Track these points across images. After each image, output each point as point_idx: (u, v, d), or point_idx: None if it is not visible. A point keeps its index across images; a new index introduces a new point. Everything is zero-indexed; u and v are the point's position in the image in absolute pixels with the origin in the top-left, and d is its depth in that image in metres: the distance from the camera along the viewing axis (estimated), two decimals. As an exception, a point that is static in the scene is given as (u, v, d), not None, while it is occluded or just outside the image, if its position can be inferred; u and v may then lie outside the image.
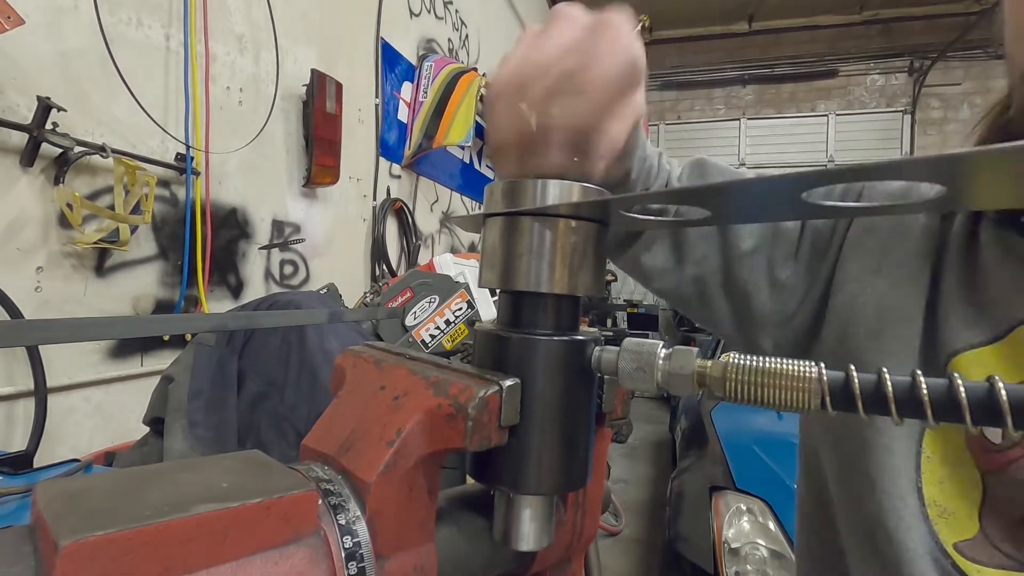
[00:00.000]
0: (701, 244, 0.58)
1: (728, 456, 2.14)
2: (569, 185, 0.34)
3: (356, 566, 0.26)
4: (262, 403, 1.42)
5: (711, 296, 0.59)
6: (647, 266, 0.59)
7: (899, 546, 0.45)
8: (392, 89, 3.38)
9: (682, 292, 0.60)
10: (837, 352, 0.53)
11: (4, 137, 1.43)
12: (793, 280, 0.57)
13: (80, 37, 1.59)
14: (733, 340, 0.62)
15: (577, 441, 0.33)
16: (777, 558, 1.65)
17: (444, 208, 4.26)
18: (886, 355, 0.49)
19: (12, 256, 1.47)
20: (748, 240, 0.56)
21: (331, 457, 0.30)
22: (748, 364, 0.27)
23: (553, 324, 0.34)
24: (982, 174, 0.23)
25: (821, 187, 0.26)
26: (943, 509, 0.45)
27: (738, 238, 0.57)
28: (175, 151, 1.90)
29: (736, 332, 0.61)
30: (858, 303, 0.51)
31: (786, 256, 0.57)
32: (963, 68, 7.09)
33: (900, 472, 0.46)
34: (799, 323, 0.57)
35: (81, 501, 0.22)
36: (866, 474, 0.48)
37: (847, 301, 0.52)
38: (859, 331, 0.51)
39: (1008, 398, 0.22)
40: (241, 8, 2.19)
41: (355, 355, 0.37)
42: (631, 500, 3.80)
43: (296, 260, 2.61)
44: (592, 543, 0.45)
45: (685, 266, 0.58)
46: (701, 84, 8.08)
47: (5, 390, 1.47)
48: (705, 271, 0.58)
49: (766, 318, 0.58)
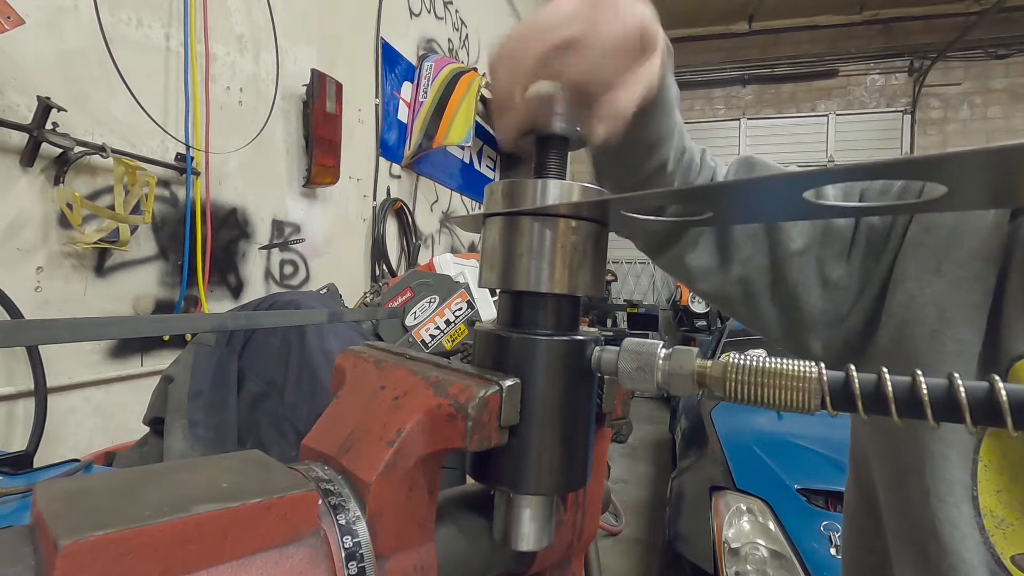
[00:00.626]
0: (747, 243, 0.56)
1: (728, 456, 2.14)
2: (569, 185, 0.34)
3: (356, 566, 0.26)
4: (262, 403, 1.42)
5: (758, 297, 0.57)
6: (692, 266, 0.57)
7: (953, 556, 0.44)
8: (392, 89, 3.38)
9: (727, 293, 0.58)
10: (893, 354, 0.50)
11: (4, 137, 1.43)
12: (846, 280, 0.55)
13: (80, 37, 1.59)
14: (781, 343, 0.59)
15: (577, 441, 0.33)
16: (777, 558, 1.65)
17: (444, 208, 4.26)
18: (945, 357, 0.47)
19: (12, 256, 1.47)
20: (798, 239, 0.54)
21: (331, 457, 0.30)
22: (748, 364, 0.27)
23: (553, 324, 0.34)
24: (981, 173, 0.23)
25: (821, 186, 0.26)
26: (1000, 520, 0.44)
27: (787, 237, 0.55)
28: (175, 151, 1.90)
29: (784, 335, 0.59)
30: (917, 303, 0.49)
31: (838, 255, 0.55)
32: (963, 68, 7.08)
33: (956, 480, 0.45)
34: (852, 324, 0.55)
35: (81, 501, 0.22)
36: (920, 482, 0.46)
37: (905, 301, 0.50)
38: (917, 332, 0.49)
39: (1008, 398, 0.22)
40: (241, 8, 2.19)
41: (355, 355, 0.37)
42: (631, 500, 3.80)
43: (296, 260, 2.61)
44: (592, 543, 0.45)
45: (731, 266, 0.57)
46: (701, 84, 8.08)
47: (5, 390, 1.47)
48: (752, 271, 0.56)
49: (816, 319, 0.56)
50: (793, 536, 1.66)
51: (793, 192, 0.27)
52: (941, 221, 0.51)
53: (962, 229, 0.50)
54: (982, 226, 0.49)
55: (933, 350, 0.48)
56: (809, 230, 0.55)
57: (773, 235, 0.55)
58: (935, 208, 0.26)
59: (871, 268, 0.54)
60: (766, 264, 0.56)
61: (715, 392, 0.28)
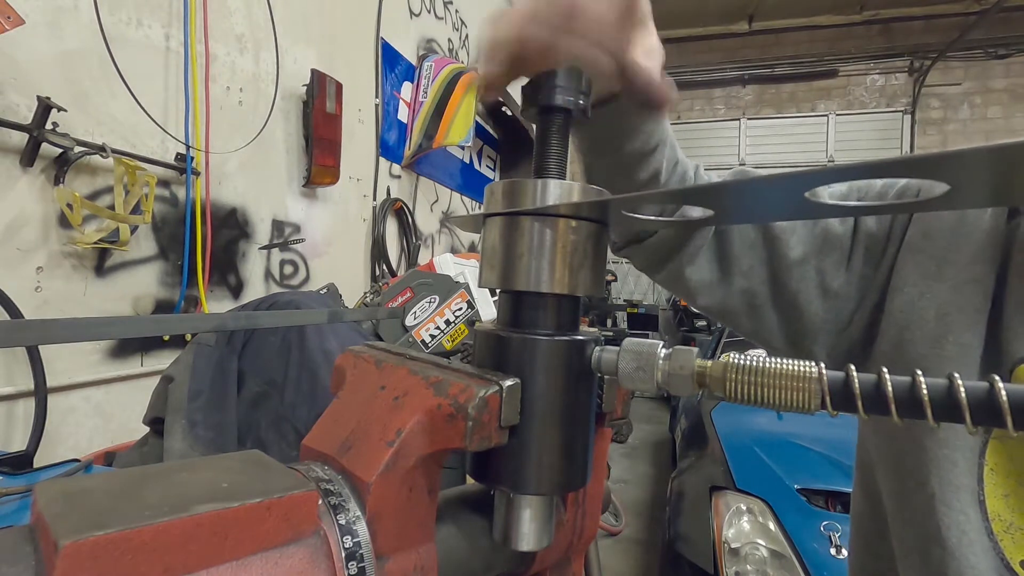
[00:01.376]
0: (747, 255, 0.56)
1: (728, 456, 2.14)
2: (569, 185, 0.34)
3: (356, 566, 0.26)
4: (262, 403, 1.42)
5: (760, 308, 0.57)
6: (692, 280, 0.57)
7: (960, 561, 0.43)
8: (392, 89, 3.38)
9: (729, 306, 0.58)
10: (894, 359, 0.51)
11: (4, 137, 1.43)
12: (846, 288, 0.55)
13: (80, 37, 1.59)
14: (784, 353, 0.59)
15: (577, 441, 0.33)
16: (777, 558, 1.65)
17: (444, 208, 4.26)
18: (946, 361, 0.47)
19: (12, 256, 1.47)
20: (796, 249, 0.55)
21: (331, 457, 0.30)
22: (748, 364, 0.27)
23: (553, 324, 0.34)
24: (982, 172, 0.23)
25: (822, 186, 0.26)
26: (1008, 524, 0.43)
27: (786, 247, 0.55)
28: (175, 151, 1.90)
29: (788, 345, 0.59)
30: (917, 308, 0.50)
31: (837, 263, 0.55)
32: (963, 68, 7.09)
33: (962, 485, 0.44)
34: (854, 331, 0.56)
35: (81, 501, 0.22)
36: (926, 487, 0.46)
37: (905, 306, 0.50)
38: (917, 336, 0.49)
39: (1008, 398, 0.22)
40: (241, 8, 2.19)
41: (355, 355, 0.37)
42: (631, 500, 3.80)
43: (296, 260, 2.61)
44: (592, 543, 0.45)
45: (732, 279, 0.57)
46: (701, 84, 8.08)
47: (5, 390, 1.47)
48: (753, 283, 0.56)
49: (819, 328, 0.56)
50: (793, 536, 1.66)
51: (793, 191, 0.27)
52: (939, 226, 0.51)
53: (960, 232, 0.50)
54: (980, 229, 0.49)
55: (934, 355, 0.48)
56: (807, 238, 0.55)
57: (772, 245, 0.55)
58: (935, 207, 0.26)
59: (870, 275, 0.54)
60: (766, 275, 0.56)
61: (715, 392, 0.28)
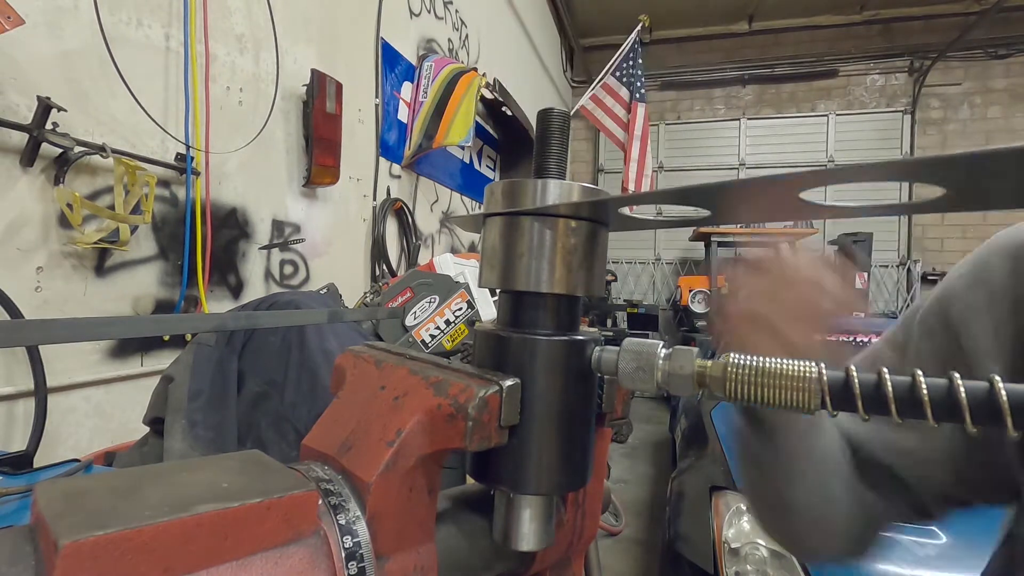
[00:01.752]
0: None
1: (728, 456, 2.14)
2: (569, 185, 0.34)
3: (356, 566, 0.26)
4: (262, 403, 1.42)
5: None
6: None
7: None
8: (392, 89, 3.38)
9: None
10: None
11: (4, 137, 1.43)
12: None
13: (80, 37, 1.59)
14: None
15: (577, 441, 0.33)
16: (777, 558, 1.64)
17: (444, 208, 4.26)
18: None
19: (12, 256, 1.47)
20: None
21: (331, 457, 0.30)
22: (748, 364, 0.27)
23: (553, 324, 0.34)
24: (982, 175, 0.23)
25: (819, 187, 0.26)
26: None
27: None
28: (175, 151, 1.90)
29: None
30: None
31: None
32: (963, 68, 7.08)
33: None
34: None
35: (81, 501, 0.22)
36: None
37: None
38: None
39: (1008, 398, 0.22)
40: (241, 8, 2.19)
41: (355, 355, 0.36)
42: (631, 500, 3.80)
43: (296, 260, 2.61)
44: (592, 543, 0.45)
45: None
46: (701, 84, 8.08)
47: (5, 390, 1.47)
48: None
49: None
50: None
51: (790, 192, 0.27)
52: None
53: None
54: None
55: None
56: None
57: None
58: (936, 208, 0.26)
59: None
60: None
61: (715, 392, 0.28)
